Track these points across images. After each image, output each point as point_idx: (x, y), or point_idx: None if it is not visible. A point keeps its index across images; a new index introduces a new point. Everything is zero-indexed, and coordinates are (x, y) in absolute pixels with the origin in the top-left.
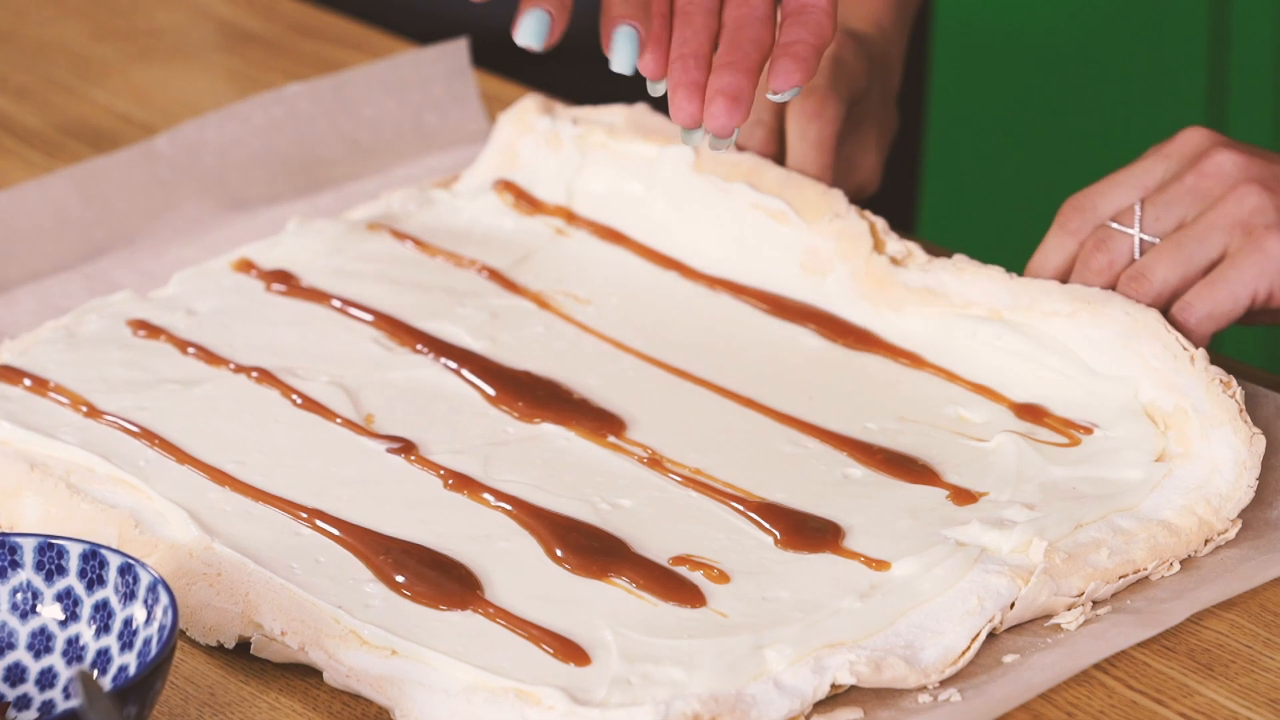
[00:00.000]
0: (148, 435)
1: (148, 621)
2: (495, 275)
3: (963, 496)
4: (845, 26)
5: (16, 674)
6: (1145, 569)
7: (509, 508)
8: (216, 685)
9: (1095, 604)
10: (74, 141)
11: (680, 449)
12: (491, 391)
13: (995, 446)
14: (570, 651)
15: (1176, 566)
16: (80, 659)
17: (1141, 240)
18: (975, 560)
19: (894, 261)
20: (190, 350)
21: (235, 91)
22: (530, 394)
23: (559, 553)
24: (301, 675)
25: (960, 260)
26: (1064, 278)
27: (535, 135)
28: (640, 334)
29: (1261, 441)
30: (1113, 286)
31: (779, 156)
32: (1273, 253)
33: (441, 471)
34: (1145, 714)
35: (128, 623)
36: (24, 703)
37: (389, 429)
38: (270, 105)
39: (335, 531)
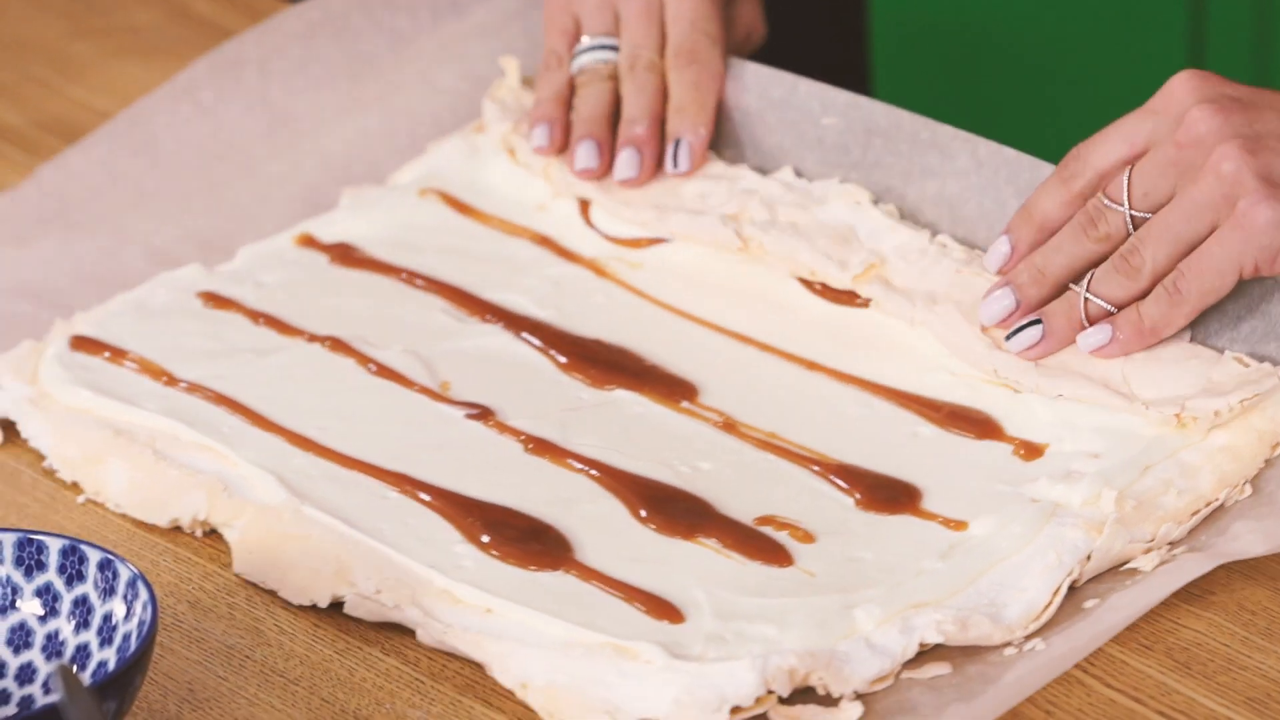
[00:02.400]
0: (228, 403)
1: (127, 617)
2: (546, 242)
3: (1030, 450)
4: None
5: None
6: (1217, 499)
7: (591, 471)
8: (195, 681)
9: (1172, 545)
10: (53, 138)
11: (752, 413)
12: (563, 359)
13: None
14: (663, 609)
15: (1248, 490)
16: (59, 654)
17: (1133, 216)
18: (1050, 515)
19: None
20: (261, 320)
21: None
22: (601, 361)
23: (644, 514)
24: (279, 671)
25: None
26: (1056, 223)
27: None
28: (696, 299)
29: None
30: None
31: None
32: (1258, 225)
33: (521, 437)
34: (1123, 712)
35: (107, 618)
36: (3, 697)
37: (465, 396)
38: (306, 11)
39: (422, 495)
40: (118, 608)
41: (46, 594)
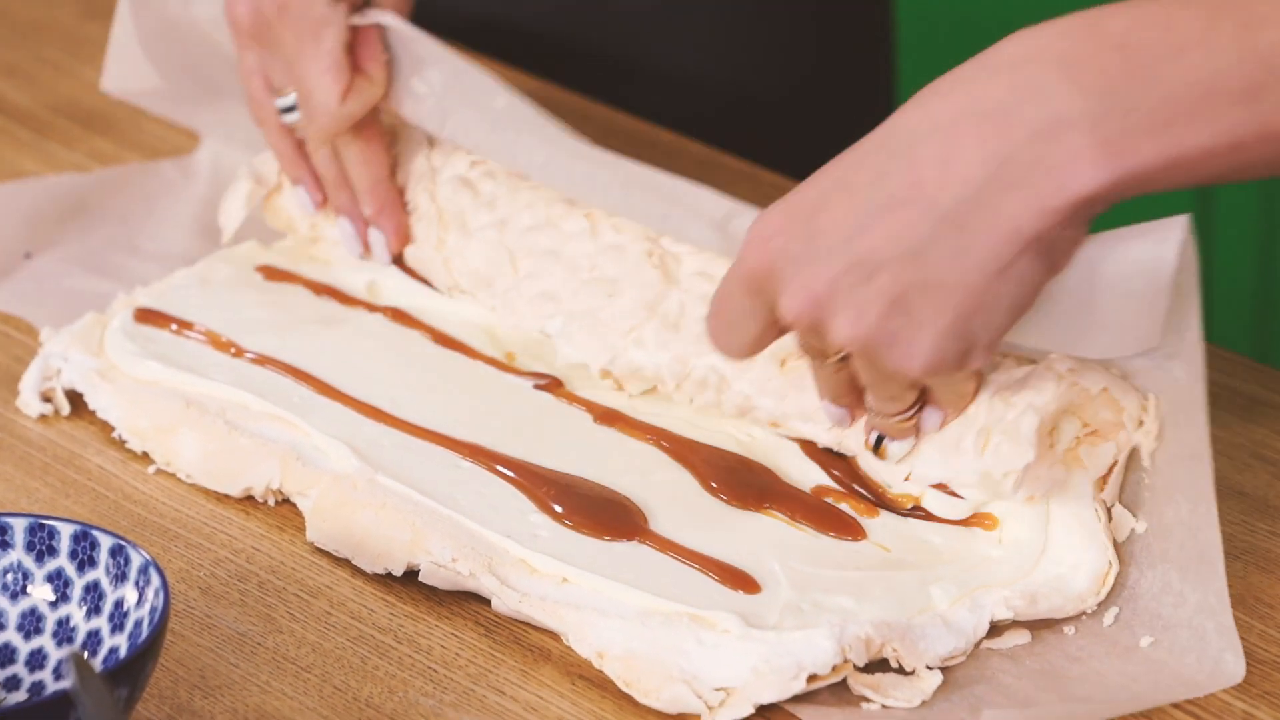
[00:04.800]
0: (296, 373)
1: (139, 603)
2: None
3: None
4: None
5: (6, 655)
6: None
7: (661, 441)
8: (207, 668)
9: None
10: (64, 120)
11: None
12: None
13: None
14: (739, 579)
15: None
16: (70, 640)
17: None
18: (1048, 498)
19: None
20: (323, 292)
21: None
22: None
23: (714, 485)
24: (291, 658)
25: None
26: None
27: None
28: None
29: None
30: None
31: None
32: None
33: (591, 407)
34: (1154, 711)
35: (119, 604)
36: (13, 683)
37: (531, 366)
38: None
39: (495, 465)
40: (129, 594)
41: (58, 579)
